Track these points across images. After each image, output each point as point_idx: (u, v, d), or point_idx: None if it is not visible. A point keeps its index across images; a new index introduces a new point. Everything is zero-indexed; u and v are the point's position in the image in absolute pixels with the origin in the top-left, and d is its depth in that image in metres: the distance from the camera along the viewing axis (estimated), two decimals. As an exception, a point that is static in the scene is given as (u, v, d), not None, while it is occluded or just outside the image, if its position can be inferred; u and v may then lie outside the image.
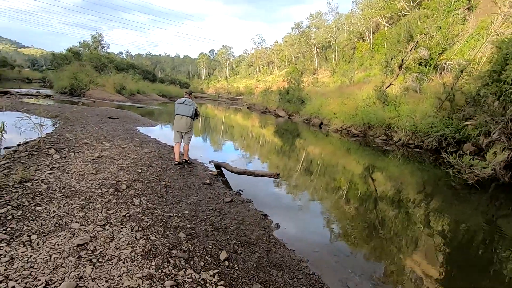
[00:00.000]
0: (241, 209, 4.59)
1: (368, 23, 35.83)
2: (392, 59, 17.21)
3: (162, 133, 12.13)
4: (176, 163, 6.69)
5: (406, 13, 30.28)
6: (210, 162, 7.43)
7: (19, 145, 6.92)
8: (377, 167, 10.11)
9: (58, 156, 5.78)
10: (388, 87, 18.51)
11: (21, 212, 3.38)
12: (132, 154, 6.67)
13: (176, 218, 3.74)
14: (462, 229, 5.21)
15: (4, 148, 6.61)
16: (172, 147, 8.66)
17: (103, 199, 3.98)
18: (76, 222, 3.26)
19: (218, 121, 21.64)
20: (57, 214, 3.40)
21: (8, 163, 5.27)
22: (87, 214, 3.47)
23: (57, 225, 3.16)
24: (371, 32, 35.61)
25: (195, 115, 6.65)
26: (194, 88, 63.75)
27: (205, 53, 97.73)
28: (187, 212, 4.01)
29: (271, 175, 5.27)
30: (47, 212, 3.44)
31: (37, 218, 3.26)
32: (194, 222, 3.74)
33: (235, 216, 4.21)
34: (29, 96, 20.43)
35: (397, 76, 18.20)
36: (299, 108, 25.50)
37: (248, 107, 37.76)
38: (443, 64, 17.93)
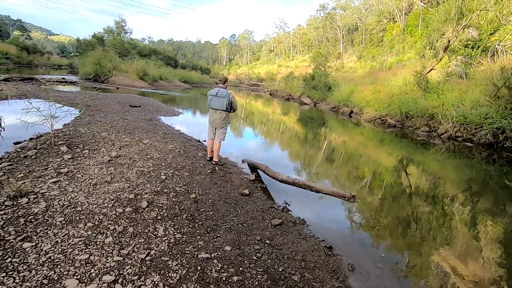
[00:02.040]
0: (296, 236, 3.37)
1: (400, 3, 32.69)
2: (437, 40, 15.01)
3: (186, 123, 11.04)
4: (208, 158, 5.76)
5: (445, -9, 27.10)
6: (243, 162, 6.24)
7: (31, 139, 6.00)
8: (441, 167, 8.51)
9: (70, 156, 4.76)
10: (429, 72, 16.39)
11: (1, 252, 2.32)
12: (154, 152, 5.56)
13: (215, 261, 2.57)
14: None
15: (14, 144, 5.72)
16: (199, 141, 7.59)
17: (117, 227, 2.87)
18: (73, 276, 2.15)
19: (240, 109, 20.36)
20: (49, 259, 2.31)
21: (11, 164, 4.30)
22: (91, 258, 2.36)
23: (44, 282, 2.06)
24: (403, 13, 32.49)
25: (231, 108, 5.42)
26: (215, 74, 62.37)
27: (226, 38, 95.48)
28: (229, 248, 2.82)
29: (343, 196, 3.63)
30: (37, 253, 2.36)
31: (19, 267, 2.18)
32: (241, 268, 2.55)
33: (292, 253, 2.99)
34: (54, 83, 19.95)
35: (440, 59, 16.01)
36: (325, 95, 23.68)
37: (270, 94, 36.13)
38: (496, 46, 15.50)
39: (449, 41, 14.94)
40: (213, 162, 5.57)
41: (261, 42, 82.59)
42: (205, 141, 7.62)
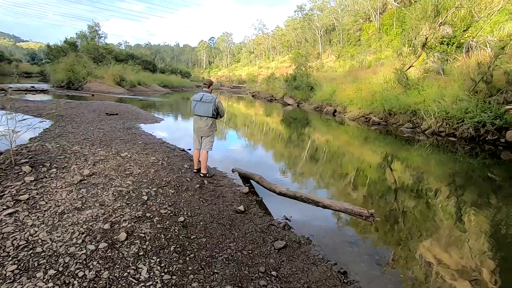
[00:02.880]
0: (304, 262, 2.89)
1: (374, 3, 33.27)
2: (415, 37, 15.14)
3: (168, 130, 10.33)
4: (195, 170, 5.16)
5: (417, -10, 27.80)
6: (233, 171, 5.70)
7: (-11, 157, 5.17)
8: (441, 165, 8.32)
9: (33, 178, 4.03)
10: (408, 69, 16.53)
11: None
12: (134, 167, 4.91)
13: (215, 312, 2.04)
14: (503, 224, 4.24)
15: (-33, 164, 4.87)
16: (183, 150, 6.98)
17: (87, 273, 2.26)
18: None
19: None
20: (-10, 333, 1.70)
21: (-42, 193, 3.54)
22: (51, 326, 1.77)
23: None
24: (378, 13, 33.10)
25: (217, 114, 4.88)
26: (195, 77, 61.19)
27: (205, 41, 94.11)
28: (229, 289, 2.30)
29: (359, 215, 3.01)
30: (-27, 326, 1.74)
31: None
32: (247, 317, 2.04)
33: (305, 286, 2.50)
34: (23, 92, 18.49)
35: (419, 56, 16.19)
36: (308, 95, 23.55)
37: (252, 95, 35.74)
38: (470, 42, 15.84)
39: (426, 38, 15.10)
40: (201, 175, 5.00)
41: (241, 44, 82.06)
42: (190, 149, 7.03)
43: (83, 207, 3.33)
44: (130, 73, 31.20)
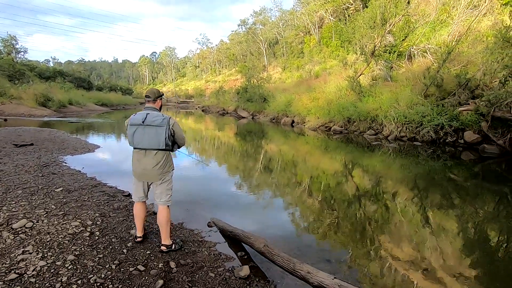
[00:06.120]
0: None
1: (313, 18, 34.25)
2: (366, 46, 15.02)
3: (106, 162, 7.59)
4: (139, 238, 2.97)
5: (349, 6, 29.22)
6: (210, 225, 3.70)
7: None
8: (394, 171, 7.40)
9: None
10: (358, 76, 16.40)
11: None
12: (33, 254, 2.56)
13: None
14: (467, 225, 4.22)
15: None
16: (128, 195, 4.65)
17: None
18: None
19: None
20: None
21: None
22: None
23: None
24: (317, 27, 34.12)
25: (173, 144, 2.83)
26: (138, 93, 56.09)
27: (147, 56, 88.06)
28: None
29: None
30: None
31: None
32: None
33: None
34: None
35: (368, 64, 16.15)
36: (262, 107, 22.35)
37: (202, 110, 33.46)
38: (412, 50, 16.40)
39: (375, 46, 15.07)
40: (163, 249, 2.86)
41: (185, 58, 78.42)
42: (138, 192, 4.77)
43: None
44: (59, 91, 26.32)
